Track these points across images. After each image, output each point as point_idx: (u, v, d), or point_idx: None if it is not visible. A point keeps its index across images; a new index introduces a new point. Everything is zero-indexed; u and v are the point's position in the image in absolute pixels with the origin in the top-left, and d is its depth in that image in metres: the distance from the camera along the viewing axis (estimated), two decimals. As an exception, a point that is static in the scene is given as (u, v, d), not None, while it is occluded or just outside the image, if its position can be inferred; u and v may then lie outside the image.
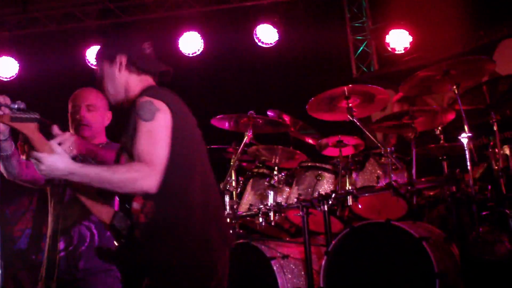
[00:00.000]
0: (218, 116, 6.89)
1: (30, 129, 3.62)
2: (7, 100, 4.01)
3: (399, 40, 10.33)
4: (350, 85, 6.34)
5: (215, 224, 3.67)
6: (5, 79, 10.48)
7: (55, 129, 3.72)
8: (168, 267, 3.51)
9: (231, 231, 3.81)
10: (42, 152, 3.42)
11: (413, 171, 6.04)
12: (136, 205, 3.63)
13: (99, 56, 3.97)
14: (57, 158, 3.39)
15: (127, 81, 3.86)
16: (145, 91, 3.71)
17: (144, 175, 3.35)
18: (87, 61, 10.59)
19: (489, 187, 5.77)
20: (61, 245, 4.63)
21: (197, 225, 3.56)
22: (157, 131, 3.49)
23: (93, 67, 10.46)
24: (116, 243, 3.67)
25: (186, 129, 3.66)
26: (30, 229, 6.10)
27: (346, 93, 6.35)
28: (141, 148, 3.43)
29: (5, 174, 4.59)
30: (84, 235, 4.61)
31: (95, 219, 4.59)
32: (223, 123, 7.05)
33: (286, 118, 7.42)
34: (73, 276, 4.57)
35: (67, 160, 3.39)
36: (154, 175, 3.37)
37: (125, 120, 3.73)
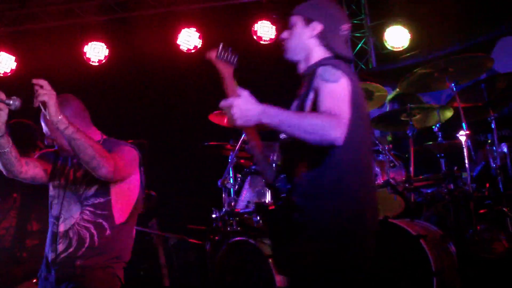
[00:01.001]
0: (215, 112, 6.89)
1: (228, 72, 3.82)
2: (2, 96, 4.02)
3: (397, 37, 10.33)
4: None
5: (371, 201, 3.78)
6: (2, 75, 10.46)
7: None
8: (322, 234, 3.58)
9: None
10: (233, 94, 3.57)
11: (411, 168, 6.04)
12: (298, 168, 3.71)
13: (299, 11, 4.06)
14: (248, 100, 3.45)
15: (312, 48, 3.98)
16: (326, 60, 3.86)
17: (334, 124, 3.36)
18: (85, 57, 10.57)
19: (487, 185, 5.77)
20: (60, 247, 4.59)
21: (358, 194, 3.66)
22: (341, 92, 3.56)
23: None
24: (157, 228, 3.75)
25: (359, 102, 3.70)
26: (14, 227, 6.08)
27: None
28: (327, 105, 3.49)
29: (4, 172, 4.58)
30: (83, 237, 4.57)
31: (93, 219, 4.60)
32: (221, 119, 7.05)
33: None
34: (70, 273, 4.54)
35: (256, 102, 3.44)
36: (343, 127, 3.39)
37: (302, 84, 3.92)
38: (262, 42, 10.42)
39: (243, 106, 3.40)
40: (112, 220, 4.67)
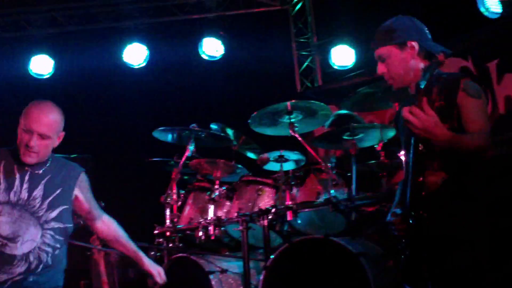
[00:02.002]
0: (160, 128, 6.86)
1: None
2: None
3: (343, 56, 10.42)
4: (292, 101, 6.35)
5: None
6: None
7: None
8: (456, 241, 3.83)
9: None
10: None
11: (353, 187, 6.08)
12: (432, 177, 3.92)
13: (386, 41, 4.19)
14: (432, 119, 3.63)
15: (417, 65, 4.11)
16: (450, 73, 4.19)
17: (488, 145, 3.81)
18: (30, 70, 10.48)
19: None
20: (16, 270, 4.45)
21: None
22: (484, 108, 3.98)
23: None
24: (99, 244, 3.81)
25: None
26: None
27: (289, 108, 6.36)
28: (480, 123, 3.86)
29: None
30: (43, 260, 4.52)
31: (53, 243, 4.57)
32: (165, 135, 7.02)
33: (230, 132, 7.42)
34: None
35: (439, 124, 3.66)
36: (490, 146, 3.83)
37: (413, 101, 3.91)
38: (209, 58, 10.42)
39: (430, 126, 3.61)
40: (66, 245, 4.72)
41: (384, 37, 4.21)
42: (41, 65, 10.53)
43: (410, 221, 3.86)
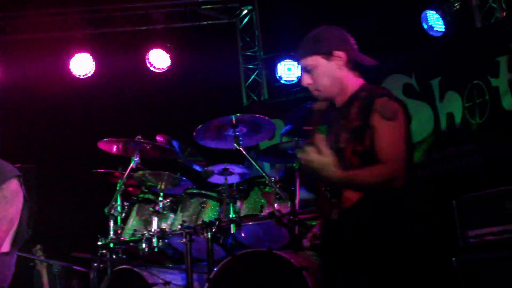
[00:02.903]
0: (105, 139, 6.84)
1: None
2: None
3: (289, 71, 10.48)
4: (237, 114, 6.38)
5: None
6: None
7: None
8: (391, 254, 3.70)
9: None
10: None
11: (296, 201, 6.13)
12: (348, 193, 3.80)
13: (312, 51, 4.02)
14: (325, 160, 3.55)
15: (344, 77, 3.98)
16: (370, 89, 3.96)
17: (394, 176, 3.60)
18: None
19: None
20: None
21: (414, 228, 3.77)
22: (399, 131, 3.70)
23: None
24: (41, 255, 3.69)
25: (410, 131, 3.83)
26: None
27: (234, 121, 6.39)
28: (387, 148, 3.64)
29: None
30: None
31: None
32: (110, 146, 7.00)
33: (175, 144, 7.43)
34: None
35: (332, 163, 3.55)
36: (401, 174, 3.61)
37: (340, 119, 3.97)
38: (156, 70, 10.41)
39: (322, 168, 3.52)
40: None
41: (310, 47, 4.06)
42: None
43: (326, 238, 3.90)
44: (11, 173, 4.60)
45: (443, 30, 8.85)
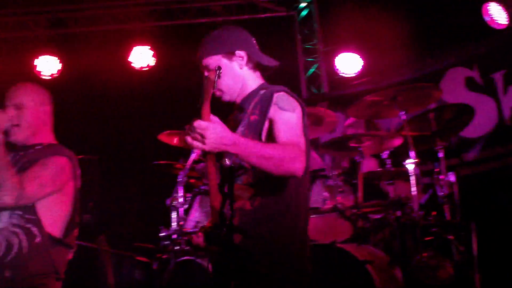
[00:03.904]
0: (165, 132, 6.88)
1: (210, 95, 3.69)
2: None
3: (349, 63, 10.43)
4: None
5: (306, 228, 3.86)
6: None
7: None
8: (271, 255, 3.63)
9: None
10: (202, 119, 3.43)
11: (359, 194, 6.10)
12: (244, 194, 3.75)
13: (213, 51, 4.00)
14: (223, 127, 3.39)
15: (245, 76, 3.99)
16: (269, 87, 3.91)
17: (298, 155, 3.49)
18: (36, 70, 10.48)
19: (434, 213, 5.85)
20: None
21: (304, 219, 3.77)
22: (298, 122, 3.68)
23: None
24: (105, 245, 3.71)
25: (307, 127, 3.79)
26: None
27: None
28: (287, 134, 3.60)
29: None
30: (12, 243, 4.41)
31: (22, 224, 4.45)
32: (171, 139, 7.04)
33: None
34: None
35: (228, 131, 3.40)
36: (303, 158, 3.51)
37: (237, 115, 3.96)
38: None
39: (219, 133, 3.34)
40: (42, 227, 4.49)
41: (211, 47, 4.03)
42: (47, 65, 10.54)
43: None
44: (63, 152, 4.67)
45: (506, 22, 8.72)
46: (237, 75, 3.98)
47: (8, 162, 4.35)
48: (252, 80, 4.00)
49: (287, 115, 3.65)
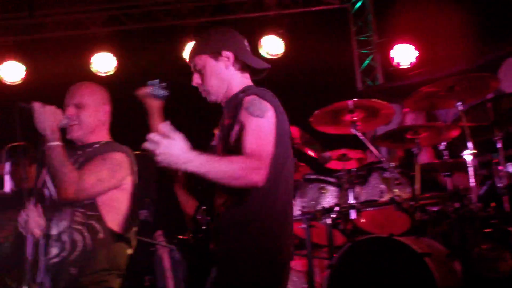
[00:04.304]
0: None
1: (156, 108, 3.86)
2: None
3: (404, 54, 10.36)
4: (354, 99, 6.36)
5: (289, 230, 3.77)
6: (11, 84, 10.48)
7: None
8: (238, 262, 3.57)
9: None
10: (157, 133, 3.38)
11: (417, 186, 6.05)
12: (219, 199, 3.70)
13: (201, 51, 3.98)
14: (176, 143, 3.30)
15: (231, 77, 3.93)
16: (249, 90, 3.84)
17: (256, 167, 3.42)
18: (92, 67, 10.60)
19: (493, 204, 5.78)
20: (53, 251, 4.50)
21: (274, 227, 3.63)
22: (266, 128, 3.57)
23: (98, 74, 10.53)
24: (191, 236, 3.73)
25: (284, 132, 3.73)
26: (13, 236, 6.15)
27: (351, 107, 6.37)
28: (251, 142, 3.50)
29: None
30: (76, 240, 4.44)
31: (85, 220, 4.48)
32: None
33: (293, 130, 7.43)
34: (66, 280, 4.44)
35: (184, 147, 3.32)
36: (264, 169, 3.44)
37: (224, 116, 3.91)
38: (269, 57, 10.44)
39: (172, 150, 3.29)
40: (104, 223, 4.51)
41: (199, 47, 4.01)
42: (103, 63, 10.64)
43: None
44: (121, 148, 4.72)
45: None
46: (223, 75, 3.93)
47: (66, 157, 4.40)
48: (238, 81, 3.95)
49: (255, 121, 3.57)
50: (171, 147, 3.28)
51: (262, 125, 3.56)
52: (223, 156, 3.62)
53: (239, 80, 3.96)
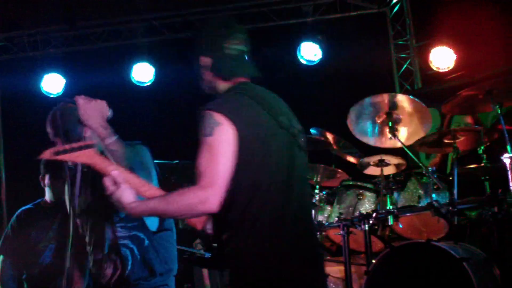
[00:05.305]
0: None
1: (90, 156, 3.60)
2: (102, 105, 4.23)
3: (443, 58, 10.26)
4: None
5: (288, 237, 3.52)
6: (52, 96, 10.62)
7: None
8: (242, 272, 3.48)
9: (315, 246, 3.75)
10: (107, 174, 3.48)
11: (455, 191, 6.01)
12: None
13: (192, 50, 3.90)
14: (122, 196, 3.46)
15: (212, 81, 3.80)
16: (213, 100, 3.63)
17: (202, 199, 3.29)
18: (132, 77, 10.68)
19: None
20: (108, 272, 4.55)
21: (263, 238, 3.44)
22: (216, 147, 3.38)
23: (138, 84, 10.62)
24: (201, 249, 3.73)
25: (254, 140, 3.50)
26: (53, 244, 6.23)
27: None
28: (201, 165, 3.35)
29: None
30: (125, 255, 4.48)
31: (127, 233, 4.51)
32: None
33: (329, 136, 7.43)
34: None
35: (128, 196, 3.45)
36: (212, 197, 3.30)
37: None
38: (307, 63, 10.45)
39: (119, 202, 3.45)
40: (147, 229, 4.55)
41: (192, 45, 3.90)
42: (142, 72, 10.71)
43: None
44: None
45: None
46: (206, 79, 3.82)
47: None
48: (219, 86, 3.80)
49: (204, 140, 3.43)
50: (120, 198, 3.44)
51: (212, 144, 3.40)
52: (166, 196, 3.48)
53: (221, 83, 3.79)
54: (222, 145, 3.40)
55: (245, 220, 3.43)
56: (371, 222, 6.15)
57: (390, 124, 6.47)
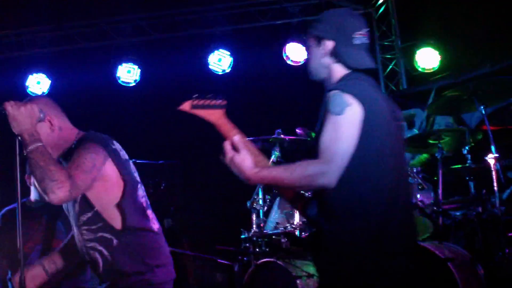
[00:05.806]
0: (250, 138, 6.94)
1: (216, 117, 3.87)
2: None
3: (428, 59, 10.31)
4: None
5: (398, 226, 3.58)
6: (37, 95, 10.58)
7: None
8: (338, 256, 3.55)
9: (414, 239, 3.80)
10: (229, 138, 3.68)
11: (440, 191, 6.03)
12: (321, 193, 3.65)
13: (310, 31, 3.96)
14: (243, 161, 3.57)
15: (330, 66, 3.85)
16: (340, 81, 3.76)
17: (322, 172, 3.38)
18: (118, 78, 10.67)
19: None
20: (88, 274, 4.50)
21: (373, 224, 3.51)
22: (344, 126, 3.46)
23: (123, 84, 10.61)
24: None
25: (377, 125, 3.58)
26: (40, 245, 6.20)
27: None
28: (325, 142, 3.44)
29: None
30: (94, 258, 4.39)
31: (94, 236, 4.37)
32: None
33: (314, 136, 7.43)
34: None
35: (249, 162, 3.56)
36: (332, 173, 3.38)
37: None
38: (292, 63, 10.47)
39: (239, 167, 3.55)
40: (112, 229, 4.38)
41: (311, 26, 3.95)
42: (128, 73, 10.70)
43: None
44: (94, 137, 4.54)
45: None
46: (320, 62, 3.88)
47: (51, 156, 4.18)
48: (336, 69, 3.85)
49: (332, 119, 3.51)
50: (239, 163, 3.55)
51: (340, 123, 3.46)
52: (290, 165, 3.58)
53: (339, 69, 3.84)
54: (349, 125, 3.48)
55: (358, 202, 3.52)
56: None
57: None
